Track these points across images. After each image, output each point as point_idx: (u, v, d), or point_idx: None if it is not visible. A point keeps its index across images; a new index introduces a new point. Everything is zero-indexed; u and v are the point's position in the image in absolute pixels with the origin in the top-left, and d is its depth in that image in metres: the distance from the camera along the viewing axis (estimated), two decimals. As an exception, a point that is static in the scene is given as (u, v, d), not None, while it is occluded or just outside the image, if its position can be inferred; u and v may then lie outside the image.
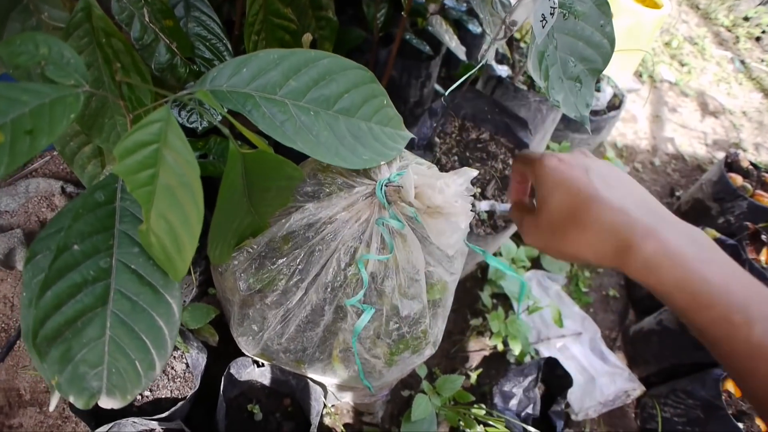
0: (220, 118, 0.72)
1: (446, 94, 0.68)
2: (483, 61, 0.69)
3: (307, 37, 0.93)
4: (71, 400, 0.40)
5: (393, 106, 0.57)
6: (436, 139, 1.01)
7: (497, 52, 1.25)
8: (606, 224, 0.36)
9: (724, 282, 0.32)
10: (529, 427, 0.85)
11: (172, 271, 0.46)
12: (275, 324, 0.63)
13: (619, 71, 1.98)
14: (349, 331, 0.64)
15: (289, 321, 0.63)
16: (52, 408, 0.43)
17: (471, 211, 0.53)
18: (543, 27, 0.63)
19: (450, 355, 1.23)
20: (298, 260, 0.57)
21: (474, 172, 0.53)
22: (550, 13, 0.61)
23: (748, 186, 1.52)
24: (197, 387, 0.80)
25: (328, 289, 0.60)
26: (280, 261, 0.58)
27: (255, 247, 0.58)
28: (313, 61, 0.51)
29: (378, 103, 0.55)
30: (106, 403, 0.41)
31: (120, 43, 0.63)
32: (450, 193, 0.51)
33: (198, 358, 0.85)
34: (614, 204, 0.37)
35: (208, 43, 0.79)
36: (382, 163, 0.55)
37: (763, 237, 1.34)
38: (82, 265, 0.43)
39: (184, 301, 0.86)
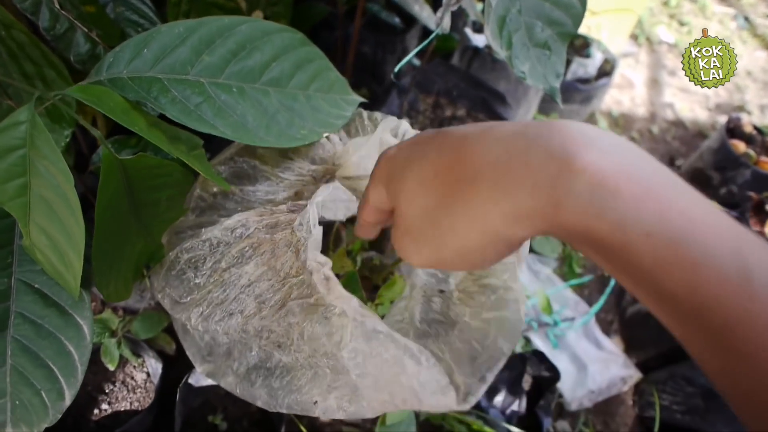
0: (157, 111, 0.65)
1: (396, 71, 0.61)
2: (437, 31, 0.62)
3: (257, 15, 0.85)
4: None
5: (335, 69, 0.50)
6: (406, 119, 0.94)
7: (474, 22, 1.16)
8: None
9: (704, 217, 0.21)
10: (512, 428, 0.79)
11: (67, 288, 0.40)
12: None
13: (612, 35, 1.87)
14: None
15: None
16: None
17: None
18: (499, -12, 0.55)
19: (437, 346, 1.17)
20: (205, 302, 0.43)
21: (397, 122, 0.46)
22: (505, -29, 0.53)
23: (752, 153, 1.43)
24: (153, 399, 0.76)
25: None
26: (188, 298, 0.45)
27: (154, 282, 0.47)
28: (228, 29, 0.44)
29: (315, 67, 0.48)
30: (12, 438, 0.36)
31: (23, 35, 0.56)
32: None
33: (157, 368, 0.80)
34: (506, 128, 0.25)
35: (140, 29, 0.72)
36: (325, 135, 0.48)
37: None
38: (-28, 288, 0.38)
39: (138, 309, 0.81)
